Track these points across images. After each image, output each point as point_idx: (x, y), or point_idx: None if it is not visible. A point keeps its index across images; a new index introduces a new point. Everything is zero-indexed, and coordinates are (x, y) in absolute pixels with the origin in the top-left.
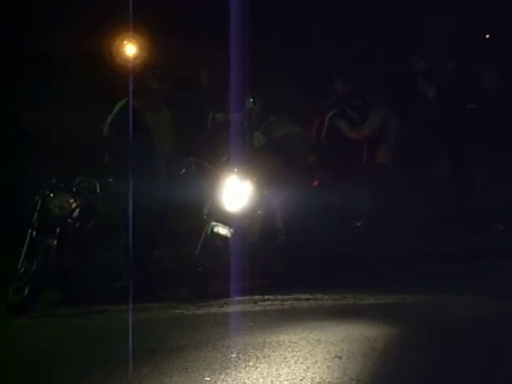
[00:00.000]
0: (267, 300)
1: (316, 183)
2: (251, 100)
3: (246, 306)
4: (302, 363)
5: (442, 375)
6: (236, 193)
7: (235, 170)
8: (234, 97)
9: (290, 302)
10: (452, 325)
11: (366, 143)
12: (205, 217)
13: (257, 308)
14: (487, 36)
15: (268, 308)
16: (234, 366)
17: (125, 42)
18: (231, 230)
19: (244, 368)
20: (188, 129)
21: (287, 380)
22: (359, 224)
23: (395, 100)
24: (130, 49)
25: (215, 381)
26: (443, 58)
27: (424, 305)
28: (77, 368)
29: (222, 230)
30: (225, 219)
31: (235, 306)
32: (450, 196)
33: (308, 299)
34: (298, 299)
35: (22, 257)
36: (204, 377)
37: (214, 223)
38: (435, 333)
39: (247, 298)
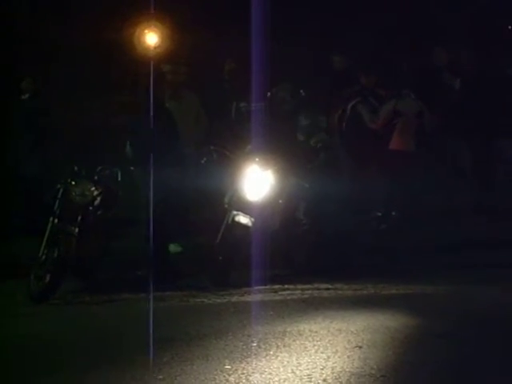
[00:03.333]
0: (287, 289)
1: None
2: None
3: (267, 296)
4: (322, 353)
5: (463, 366)
6: (257, 182)
7: (256, 159)
8: (255, 86)
9: (310, 292)
10: (474, 315)
11: (384, 131)
12: (226, 206)
13: (277, 297)
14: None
15: (288, 297)
16: (255, 354)
17: (146, 31)
18: (252, 219)
19: (264, 357)
20: (211, 117)
21: (307, 369)
22: (380, 214)
23: (417, 90)
24: (151, 38)
25: (236, 369)
26: (467, 49)
27: (445, 295)
28: (97, 355)
29: (243, 219)
30: (246, 208)
31: (255, 295)
32: (472, 186)
33: (328, 289)
34: (318, 289)
35: (44, 244)
36: (224, 365)
37: (235, 212)
38: (456, 323)
39: (268, 287)
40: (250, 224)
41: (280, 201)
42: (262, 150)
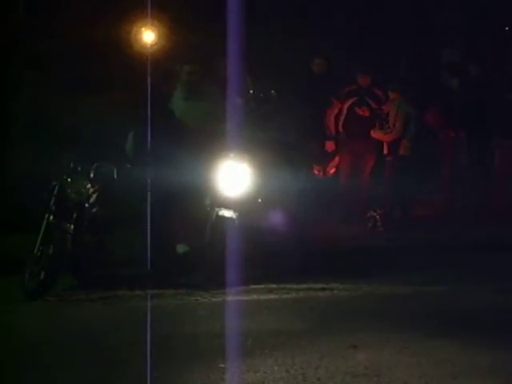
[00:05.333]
0: (283, 289)
1: (333, 170)
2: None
3: (262, 295)
4: (316, 352)
5: (456, 365)
6: (233, 177)
7: (231, 154)
8: (231, 82)
9: (305, 291)
10: (468, 316)
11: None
12: (208, 208)
13: (272, 296)
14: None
15: (283, 296)
16: (249, 353)
17: (143, 29)
18: (236, 214)
19: (259, 356)
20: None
21: (302, 368)
22: (375, 214)
23: (414, 90)
24: (148, 35)
25: (230, 368)
26: (467, 50)
27: (440, 295)
28: (91, 353)
29: (227, 213)
30: (227, 204)
31: (250, 294)
32: (470, 187)
33: (323, 289)
34: (313, 289)
35: (39, 241)
36: (219, 364)
37: (217, 209)
38: (451, 324)
39: (263, 286)
40: (234, 216)
41: (259, 199)
42: (237, 146)
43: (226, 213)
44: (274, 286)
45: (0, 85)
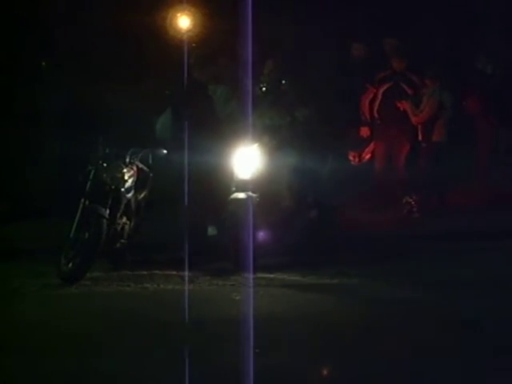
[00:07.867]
0: (315, 274)
1: (368, 156)
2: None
3: (295, 280)
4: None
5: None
6: (246, 160)
7: (245, 139)
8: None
9: (339, 278)
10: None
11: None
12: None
13: (304, 281)
14: None
15: (320, 281)
16: (285, 338)
17: (178, 15)
18: (254, 195)
19: (296, 341)
20: None
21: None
22: (411, 200)
23: (450, 75)
24: (184, 21)
25: (266, 353)
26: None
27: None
28: (126, 337)
29: (241, 195)
30: (245, 187)
31: (284, 279)
32: (505, 175)
33: (359, 275)
34: (347, 275)
35: (75, 226)
36: (255, 348)
37: (234, 194)
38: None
39: (294, 271)
40: (248, 197)
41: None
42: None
43: (240, 195)
44: (307, 271)
45: (34, 70)
